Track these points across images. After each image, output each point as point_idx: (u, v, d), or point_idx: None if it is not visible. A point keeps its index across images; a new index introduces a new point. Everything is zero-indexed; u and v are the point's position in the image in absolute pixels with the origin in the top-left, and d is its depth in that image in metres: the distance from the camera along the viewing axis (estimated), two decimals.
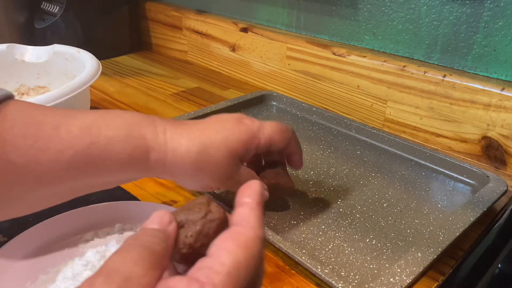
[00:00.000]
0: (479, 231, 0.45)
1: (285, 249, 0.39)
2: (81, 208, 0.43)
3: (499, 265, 0.49)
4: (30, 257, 0.38)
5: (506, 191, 0.48)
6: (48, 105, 0.45)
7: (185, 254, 0.22)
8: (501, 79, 0.56)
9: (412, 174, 0.54)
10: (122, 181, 0.35)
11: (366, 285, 0.36)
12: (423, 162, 0.55)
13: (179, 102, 0.74)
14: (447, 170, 0.54)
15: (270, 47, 0.77)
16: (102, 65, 0.57)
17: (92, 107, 0.59)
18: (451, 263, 0.40)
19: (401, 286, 0.35)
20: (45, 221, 0.41)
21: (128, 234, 0.41)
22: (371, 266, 0.39)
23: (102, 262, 0.25)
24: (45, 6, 0.89)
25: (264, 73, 0.80)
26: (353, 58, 0.66)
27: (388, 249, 0.41)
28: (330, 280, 0.36)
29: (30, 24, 0.90)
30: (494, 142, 0.55)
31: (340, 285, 0.35)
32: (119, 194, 0.48)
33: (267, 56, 0.78)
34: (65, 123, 0.30)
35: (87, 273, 0.36)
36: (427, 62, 0.62)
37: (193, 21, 0.90)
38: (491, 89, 0.54)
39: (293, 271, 0.39)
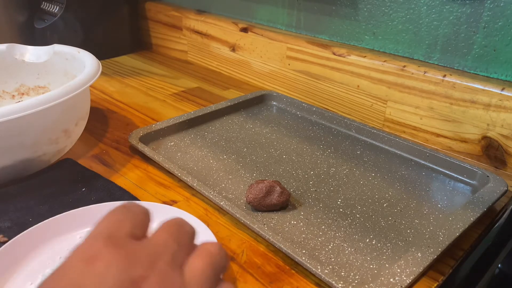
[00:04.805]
0: (479, 231, 0.45)
1: (285, 249, 0.39)
2: (81, 208, 0.43)
3: (499, 265, 0.49)
4: (31, 257, 0.39)
5: (506, 191, 0.48)
6: (48, 105, 0.45)
7: None
8: (501, 79, 0.56)
9: (412, 174, 0.54)
10: None
11: (366, 285, 0.36)
12: (423, 162, 0.56)
13: (179, 102, 0.74)
14: (447, 170, 0.54)
15: (270, 47, 0.77)
16: (102, 65, 0.57)
17: (92, 107, 0.59)
18: (451, 263, 0.40)
19: (401, 286, 0.35)
20: (45, 221, 0.41)
21: None
22: (371, 266, 0.39)
23: None
24: (45, 6, 0.89)
25: (264, 73, 0.80)
26: (353, 58, 0.66)
27: (388, 249, 0.41)
28: (330, 280, 0.36)
29: (30, 24, 0.90)
30: (494, 142, 0.55)
31: (340, 285, 0.35)
32: (119, 194, 0.48)
33: (267, 56, 0.78)
34: None
35: None
36: (427, 62, 0.62)
37: (193, 21, 0.90)
38: (491, 89, 0.54)
39: (293, 271, 0.39)
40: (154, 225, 0.25)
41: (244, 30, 0.81)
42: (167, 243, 0.23)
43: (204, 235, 0.39)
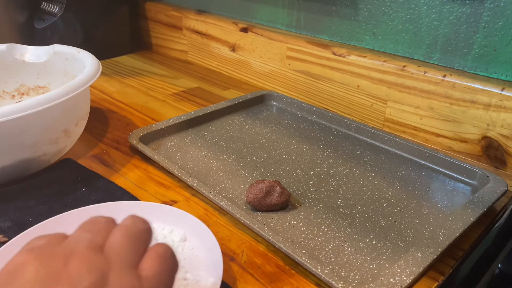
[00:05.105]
0: (479, 231, 0.45)
1: (285, 249, 0.39)
2: (81, 208, 0.43)
3: (499, 265, 0.49)
4: None
5: (506, 191, 0.48)
6: (48, 105, 0.45)
7: None
8: (501, 79, 0.56)
9: (412, 174, 0.54)
10: None
11: (366, 285, 0.36)
12: (423, 162, 0.56)
13: (179, 102, 0.74)
14: (447, 170, 0.54)
15: (270, 47, 0.77)
16: (102, 65, 0.57)
17: (92, 107, 0.59)
18: (451, 263, 0.40)
19: (401, 286, 0.35)
20: (45, 221, 0.41)
21: None
22: (371, 266, 0.39)
23: None
24: (45, 6, 0.89)
25: (264, 73, 0.80)
26: (353, 58, 0.66)
27: (388, 249, 0.41)
28: (330, 280, 0.36)
29: (30, 24, 0.90)
30: (494, 142, 0.55)
31: (340, 285, 0.35)
32: (119, 194, 0.48)
33: (267, 56, 0.78)
34: None
35: None
36: (427, 62, 0.62)
37: (193, 21, 0.90)
38: (491, 89, 0.54)
39: (293, 271, 0.39)
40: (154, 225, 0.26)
41: (244, 30, 0.81)
42: (81, 235, 0.25)
43: (204, 235, 0.39)
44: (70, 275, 0.22)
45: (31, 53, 0.64)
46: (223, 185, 0.50)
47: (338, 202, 0.48)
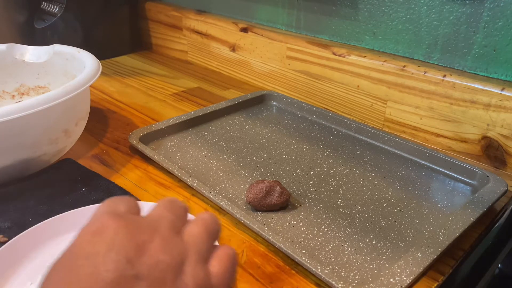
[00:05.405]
0: (479, 231, 0.45)
1: (285, 249, 0.39)
2: (81, 208, 0.43)
3: (499, 265, 0.49)
4: (31, 257, 0.39)
5: (506, 191, 0.48)
6: (48, 105, 0.45)
7: None
8: (501, 79, 0.56)
9: (412, 174, 0.54)
10: None
11: (366, 285, 0.36)
12: (423, 162, 0.56)
13: (179, 102, 0.74)
14: (447, 170, 0.54)
15: (270, 47, 0.77)
16: (102, 65, 0.57)
17: (92, 107, 0.59)
18: (451, 263, 0.40)
19: (401, 286, 0.35)
20: (45, 221, 0.41)
21: None
22: (371, 266, 0.39)
23: None
24: (45, 6, 0.89)
25: (264, 73, 0.80)
26: (353, 58, 0.66)
27: (388, 249, 0.41)
28: (330, 280, 0.36)
29: (30, 24, 0.90)
30: (494, 142, 0.55)
31: (340, 285, 0.35)
32: (119, 194, 0.48)
33: (267, 56, 0.78)
34: None
35: None
36: (427, 62, 0.62)
37: (193, 21, 0.90)
38: (491, 89, 0.54)
39: (293, 271, 0.39)
40: None
41: (244, 30, 0.81)
42: (164, 214, 0.26)
43: None
44: (154, 252, 0.23)
45: (31, 53, 0.64)
46: (223, 185, 0.50)
47: (338, 202, 0.48)
